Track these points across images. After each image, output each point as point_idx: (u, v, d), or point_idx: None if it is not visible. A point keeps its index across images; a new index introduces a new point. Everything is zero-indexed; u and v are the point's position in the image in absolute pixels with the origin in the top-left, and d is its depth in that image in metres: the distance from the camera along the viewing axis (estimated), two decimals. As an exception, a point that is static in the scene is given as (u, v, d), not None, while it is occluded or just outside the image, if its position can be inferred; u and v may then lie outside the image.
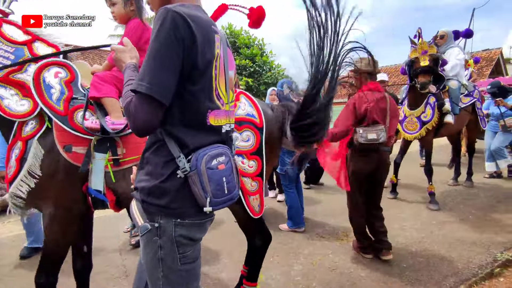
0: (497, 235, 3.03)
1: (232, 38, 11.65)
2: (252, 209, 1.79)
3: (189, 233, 0.96)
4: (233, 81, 1.13)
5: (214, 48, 0.95)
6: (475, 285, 2.27)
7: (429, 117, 3.62)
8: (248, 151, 1.72)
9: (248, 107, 1.79)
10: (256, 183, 1.76)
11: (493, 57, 15.99)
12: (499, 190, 4.51)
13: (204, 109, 0.96)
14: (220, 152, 0.97)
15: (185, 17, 0.86)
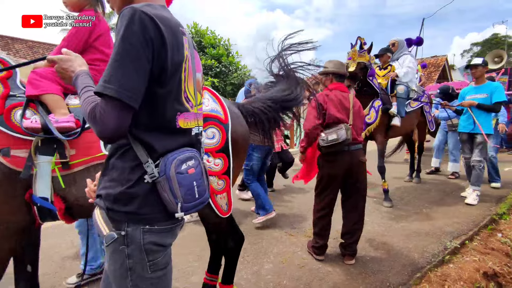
0: (446, 225, 3.33)
1: (198, 38, 11.47)
2: (220, 208, 1.73)
3: (159, 239, 0.93)
4: (200, 83, 1.12)
5: (183, 50, 0.94)
6: (429, 272, 2.48)
7: (373, 119, 3.87)
8: (214, 148, 1.63)
9: (212, 102, 1.71)
10: (223, 181, 1.69)
11: (440, 63, 17.48)
12: (447, 185, 4.95)
13: (173, 112, 0.94)
14: (189, 156, 0.95)
15: (153, 18, 0.83)
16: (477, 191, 4.00)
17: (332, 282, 2.37)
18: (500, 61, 8.85)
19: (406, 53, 4.41)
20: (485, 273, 2.55)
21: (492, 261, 2.72)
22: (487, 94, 3.80)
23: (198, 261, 2.74)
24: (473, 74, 3.97)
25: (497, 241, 3.14)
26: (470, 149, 4.03)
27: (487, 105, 3.78)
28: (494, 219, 3.58)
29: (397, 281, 2.34)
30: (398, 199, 4.33)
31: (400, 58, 4.36)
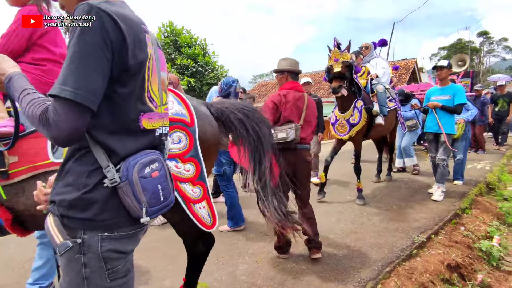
0: (415, 221, 3.48)
1: (173, 37, 11.27)
2: (201, 220, 1.56)
3: (119, 246, 0.89)
4: (165, 83, 1.09)
5: (146, 49, 0.91)
6: (398, 266, 2.58)
7: (357, 120, 3.93)
8: (182, 153, 1.51)
9: (177, 105, 1.59)
10: (198, 188, 1.56)
11: (410, 66, 18.28)
12: (415, 183, 5.17)
13: (135, 112, 0.90)
14: (152, 158, 0.92)
15: (112, 15, 0.79)
16: (442, 187, 4.21)
17: (305, 279, 2.40)
18: (463, 64, 9.40)
19: (376, 56, 4.58)
20: (448, 265, 2.69)
21: (455, 253, 2.87)
22: (450, 95, 4.01)
23: (173, 265, 2.69)
24: (439, 75, 4.17)
25: (460, 234, 3.33)
26: (435, 148, 4.24)
27: (450, 107, 3.98)
28: (457, 213, 3.79)
29: (367, 276, 2.41)
30: (370, 196, 4.47)
31: (372, 60, 4.51)
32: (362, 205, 4.05)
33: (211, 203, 1.61)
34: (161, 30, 11.32)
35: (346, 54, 3.62)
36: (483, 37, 49.04)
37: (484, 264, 2.98)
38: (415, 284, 2.42)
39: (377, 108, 4.07)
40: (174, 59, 11.01)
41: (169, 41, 11.30)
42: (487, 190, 4.99)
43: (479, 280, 2.66)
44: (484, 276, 2.73)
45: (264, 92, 21.28)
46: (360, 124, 3.94)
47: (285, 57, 2.74)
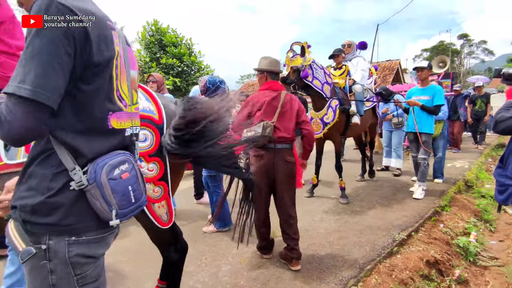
0: (396, 219, 3.55)
1: (158, 36, 11.10)
2: (159, 218, 1.55)
3: (87, 250, 0.87)
4: (136, 82, 1.06)
5: (113, 46, 0.88)
6: (379, 264, 2.63)
7: (331, 118, 3.98)
8: (147, 152, 1.44)
9: (145, 101, 1.51)
10: (159, 188, 1.52)
11: (394, 67, 18.67)
12: (398, 181, 5.28)
13: (103, 111, 0.88)
14: (122, 159, 0.90)
15: (74, 10, 0.76)
16: (423, 186, 4.32)
17: (288, 279, 2.41)
18: (444, 66, 9.68)
19: (358, 56, 4.62)
20: (427, 261, 2.76)
21: (434, 250, 2.95)
22: (430, 96, 4.11)
23: (154, 267, 2.63)
24: (419, 76, 4.26)
25: (439, 231, 3.42)
26: (416, 148, 4.33)
27: (428, 107, 4.08)
28: (437, 211, 3.90)
29: (349, 275, 2.44)
30: (354, 195, 4.54)
31: (354, 59, 4.56)
32: (346, 204, 4.10)
33: (170, 202, 1.59)
34: (146, 29, 11.14)
35: (297, 59, 3.72)
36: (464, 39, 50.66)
37: (461, 260, 3.08)
38: (395, 280, 2.47)
39: (354, 108, 4.14)
40: (159, 59, 10.86)
41: (154, 40, 11.12)
42: (465, 188, 5.16)
43: (457, 276, 2.74)
44: (461, 272, 2.81)
45: (251, 92, 21.28)
46: (333, 123, 3.99)
47: (266, 56, 2.70)
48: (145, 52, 11.31)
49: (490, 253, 3.29)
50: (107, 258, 2.99)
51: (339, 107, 4.00)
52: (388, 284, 2.41)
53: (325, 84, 3.93)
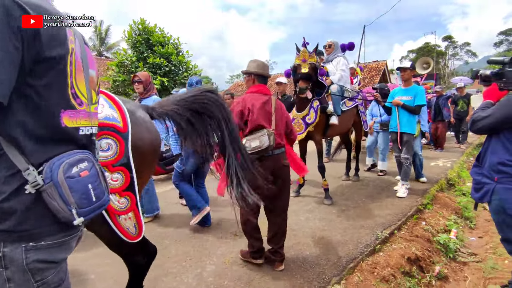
0: (379, 217, 3.61)
1: (146, 35, 10.95)
2: (126, 232, 1.45)
3: (48, 256, 0.84)
4: (95, 81, 1.05)
5: (67, 42, 0.86)
6: (362, 262, 2.67)
7: (312, 119, 3.99)
8: (110, 162, 1.36)
9: (108, 109, 1.43)
10: (125, 199, 1.43)
11: (381, 68, 18.99)
12: (383, 181, 5.37)
13: (55, 108, 0.85)
14: (81, 158, 0.88)
15: (22, 5, 0.74)
16: (406, 185, 4.41)
17: (272, 278, 2.42)
18: (428, 67, 9.90)
19: (339, 55, 4.56)
20: (409, 258, 2.82)
21: (415, 247, 3.01)
22: (412, 96, 4.19)
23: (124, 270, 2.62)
24: (402, 76, 4.34)
25: (421, 229, 3.50)
26: (399, 148, 4.41)
27: (409, 106, 4.16)
28: (419, 209, 3.98)
29: (332, 273, 2.47)
30: (339, 194, 4.59)
31: (334, 60, 4.53)
32: (330, 204, 4.13)
33: (139, 213, 1.50)
34: (133, 27, 10.96)
35: (314, 56, 3.68)
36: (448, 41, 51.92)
37: (442, 256, 3.15)
38: (377, 278, 2.51)
39: (331, 108, 4.13)
40: (146, 58, 10.70)
41: (141, 39, 10.94)
42: (447, 186, 5.29)
43: (437, 272, 2.81)
44: (441, 268, 2.88)
45: (240, 92, 21.26)
46: (315, 123, 3.99)
47: (255, 59, 2.68)
48: (131, 52, 11.14)
49: (469, 249, 3.39)
50: (91, 260, 2.95)
51: (320, 107, 4.02)
52: (370, 282, 2.45)
53: None
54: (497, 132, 1.99)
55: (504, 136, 1.95)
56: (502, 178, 1.98)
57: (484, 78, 2.21)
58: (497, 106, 1.95)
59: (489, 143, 2.09)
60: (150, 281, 2.45)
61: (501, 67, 2.10)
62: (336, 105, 4.24)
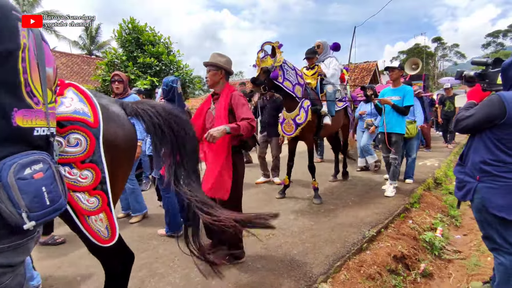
0: (367, 216, 3.65)
1: (135, 34, 10.84)
2: (96, 234, 1.35)
3: (3, 260, 0.81)
4: (52, 79, 1.01)
5: (18, 38, 0.82)
6: (348, 260, 2.70)
7: (303, 119, 3.97)
8: (78, 158, 1.28)
9: (78, 102, 1.35)
10: (95, 198, 1.34)
11: (371, 68, 19.24)
12: (372, 180, 5.43)
13: (6, 107, 0.81)
14: (35, 159, 0.85)
15: None
16: (394, 184, 4.47)
17: (259, 278, 2.43)
18: (416, 67, 10.05)
19: (331, 56, 4.62)
20: (395, 256, 2.87)
21: (401, 245, 3.06)
22: (401, 96, 4.23)
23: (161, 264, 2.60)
24: (390, 76, 4.39)
25: (408, 227, 3.55)
26: (387, 148, 4.46)
27: (399, 107, 4.21)
28: (406, 208, 4.04)
29: (319, 271, 2.49)
30: (329, 194, 4.63)
31: (326, 60, 4.57)
32: (319, 204, 4.16)
33: (111, 214, 1.41)
34: (122, 26, 10.82)
35: (267, 60, 3.70)
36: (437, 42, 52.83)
37: (427, 254, 3.21)
38: (363, 276, 2.54)
39: (325, 108, 4.16)
40: (137, 58, 10.60)
41: (131, 38, 10.83)
42: (434, 185, 5.38)
43: (422, 269, 2.86)
44: (426, 265, 2.94)
45: (232, 92, 21.22)
46: (305, 123, 3.99)
47: (222, 53, 2.59)
48: (122, 51, 11.02)
49: (454, 247, 3.45)
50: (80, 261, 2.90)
51: (311, 108, 4.02)
52: (356, 280, 2.48)
53: (297, 85, 3.93)
54: (479, 132, 2.04)
55: (486, 136, 1.99)
56: (483, 177, 2.02)
57: (468, 79, 2.26)
58: (479, 106, 1.99)
59: (472, 143, 2.14)
60: (138, 281, 2.43)
61: (484, 68, 2.15)
62: (331, 106, 4.28)
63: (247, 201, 4.34)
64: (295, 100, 3.97)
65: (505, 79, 1.95)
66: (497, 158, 1.95)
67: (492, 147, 1.96)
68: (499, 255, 2.06)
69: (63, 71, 17.09)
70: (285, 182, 4.53)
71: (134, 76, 9.97)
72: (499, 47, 51.58)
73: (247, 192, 4.90)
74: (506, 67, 1.92)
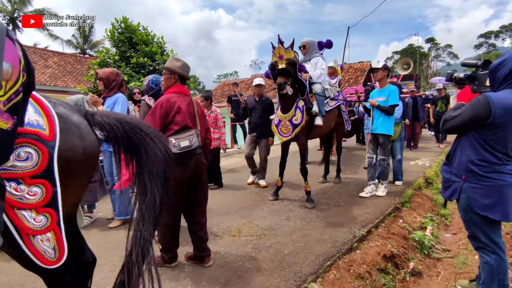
0: (358, 216, 3.68)
1: (128, 34, 10.76)
2: (41, 255, 1.23)
3: None
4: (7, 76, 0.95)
5: None
6: (338, 260, 2.72)
7: (299, 120, 3.91)
8: (28, 173, 1.20)
9: (33, 114, 1.25)
10: (43, 217, 1.24)
11: (365, 68, 19.35)
12: (364, 180, 5.38)
13: None
14: None
15: None
16: (385, 184, 4.51)
17: (249, 278, 2.43)
18: (408, 67, 10.15)
19: (317, 55, 4.51)
20: (384, 255, 2.89)
21: (391, 244, 3.09)
22: (386, 97, 4.24)
23: (113, 271, 2.58)
24: (375, 77, 4.41)
25: (398, 227, 3.59)
26: (373, 149, 4.46)
27: (383, 107, 4.20)
28: (397, 207, 4.08)
29: (309, 271, 2.50)
30: (321, 193, 4.65)
31: (312, 59, 4.47)
32: (314, 201, 4.15)
33: (60, 234, 1.29)
34: (115, 26, 10.72)
35: (290, 51, 3.63)
36: (431, 43, 53.39)
37: (417, 253, 3.25)
38: (353, 275, 2.56)
39: (316, 108, 4.09)
40: (130, 57, 10.52)
41: (123, 38, 10.72)
42: (425, 185, 5.44)
43: (411, 268, 2.89)
44: (415, 264, 2.97)
45: (227, 92, 21.20)
46: (302, 124, 3.92)
47: (178, 58, 2.61)
48: (114, 51, 10.91)
49: (444, 245, 3.50)
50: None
51: (306, 107, 3.97)
52: (346, 279, 2.50)
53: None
54: (466, 132, 2.06)
55: (472, 136, 2.02)
56: (469, 176, 2.05)
57: (458, 80, 2.28)
58: (466, 106, 2.01)
59: (459, 143, 2.17)
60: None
61: (474, 70, 2.18)
62: (321, 105, 4.19)
63: (239, 203, 4.36)
64: (291, 101, 3.91)
65: (493, 80, 1.98)
66: (482, 158, 1.98)
67: (478, 147, 1.99)
68: (484, 254, 2.09)
69: (56, 71, 16.91)
70: (278, 183, 4.47)
71: (128, 76, 9.88)
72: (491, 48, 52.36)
73: (237, 194, 4.90)
74: (494, 69, 1.95)
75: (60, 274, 1.39)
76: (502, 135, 1.90)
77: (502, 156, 1.94)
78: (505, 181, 1.94)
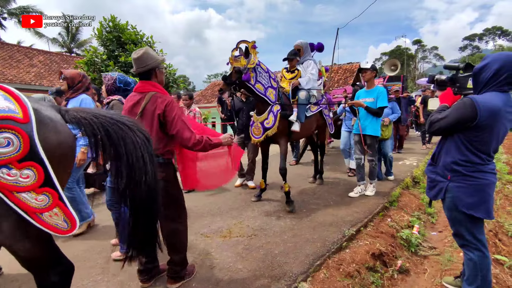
0: (348, 215, 3.73)
1: (117, 33, 10.61)
2: (54, 228, 1.33)
3: None
4: None
5: None
6: (328, 259, 2.75)
7: (271, 123, 3.90)
8: (14, 158, 1.21)
9: (3, 101, 1.26)
10: (45, 196, 1.29)
11: (354, 69, 19.58)
12: (353, 180, 5.51)
13: None
14: None
15: None
16: (373, 184, 4.58)
17: (240, 279, 2.44)
18: (395, 69, 10.33)
19: (309, 59, 4.54)
20: (373, 254, 2.94)
21: (380, 243, 3.14)
22: (374, 98, 4.28)
23: (102, 274, 2.55)
24: (363, 77, 4.45)
25: (386, 225, 3.65)
26: (360, 150, 4.49)
27: (372, 109, 4.24)
28: (386, 206, 4.15)
29: (299, 271, 2.52)
30: (311, 194, 4.69)
31: (305, 62, 4.51)
32: (304, 201, 4.19)
33: (66, 206, 1.37)
34: (103, 25, 10.56)
35: (240, 59, 3.63)
36: (418, 45, 54.47)
37: (404, 251, 3.31)
38: (342, 274, 2.60)
39: (294, 117, 4.07)
40: (118, 57, 10.36)
41: (111, 37, 10.57)
42: (413, 184, 5.55)
43: (399, 266, 2.95)
44: (403, 262, 3.03)
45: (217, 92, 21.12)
46: (273, 129, 3.91)
47: (137, 50, 2.23)
48: (102, 50, 10.73)
49: (430, 243, 3.58)
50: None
51: (280, 112, 3.94)
52: (335, 278, 2.53)
53: (269, 88, 3.88)
54: (451, 133, 2.12)
55: (457, 137, 2.07)
56: (454, 176, 2.11)
57: (440, 83, 2.34)
58: (452, 108, 2.06)
59: (444, 143, 2.22)
60: (117, 285, 2.40)
61: (455, 73, 2.25)
62: (301, 112, 4.20)
63: (229, 204, 4.36)
64: (266, 104, 3.91)
65: (476, 83, 2.04)
66: (467, 158, 2.04)
67: (463, 148, 2.05)
68: (468, 251, 2.15)
69: (41, 70, 16.50)
70: (261, 186, 4.45)
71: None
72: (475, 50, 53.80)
73: (228, 194, 4.90)
74: (477, 72, 2.01)
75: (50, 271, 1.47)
76: (486, 137, 1.96)
77: (485, 156, 2.00)
78: (487, 180, 2.01)
